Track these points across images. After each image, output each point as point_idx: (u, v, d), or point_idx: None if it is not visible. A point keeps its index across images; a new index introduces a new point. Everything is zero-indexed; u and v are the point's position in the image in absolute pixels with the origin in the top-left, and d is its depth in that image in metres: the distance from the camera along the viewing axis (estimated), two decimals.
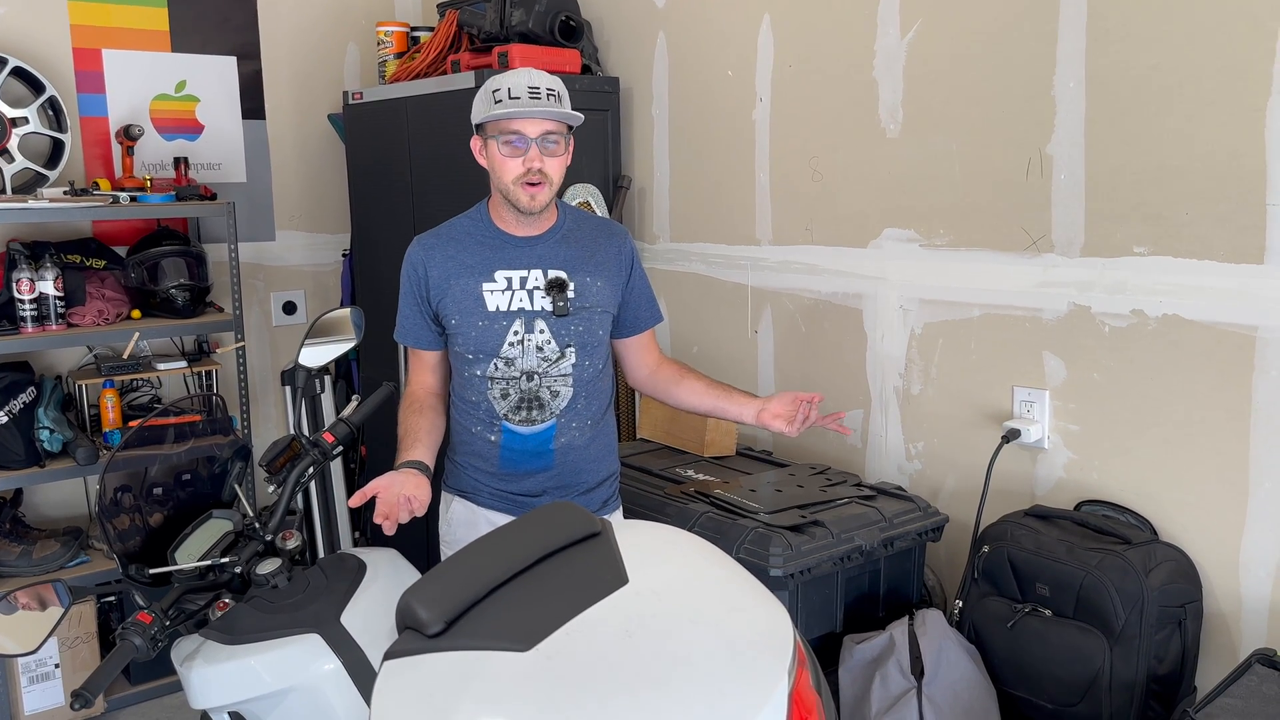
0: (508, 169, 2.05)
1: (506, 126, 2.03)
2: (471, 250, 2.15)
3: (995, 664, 2.20)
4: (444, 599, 1.25)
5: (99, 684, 1.63)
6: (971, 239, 2.53)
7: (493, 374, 2.14)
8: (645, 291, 2.30)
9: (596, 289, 2.17)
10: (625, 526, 1.42)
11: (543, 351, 2.13)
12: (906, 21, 2.62)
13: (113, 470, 1.98)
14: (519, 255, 2.15)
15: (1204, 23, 2.08)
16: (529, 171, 2.04)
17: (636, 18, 3.40)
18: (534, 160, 2.03)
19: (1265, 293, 2.04)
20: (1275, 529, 2.07)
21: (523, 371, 2.13)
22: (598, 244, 2.21)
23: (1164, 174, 2.17)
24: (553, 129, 2.05)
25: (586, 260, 2.18)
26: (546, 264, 2.15)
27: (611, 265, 2.21)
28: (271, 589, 1.86)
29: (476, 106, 2.08)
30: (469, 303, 2.12)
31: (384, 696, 1.18)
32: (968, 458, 2.61)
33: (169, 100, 3.70)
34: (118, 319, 3.34)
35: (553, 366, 2.14)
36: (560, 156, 2.09)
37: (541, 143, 2.04)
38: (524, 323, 2.12)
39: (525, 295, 2.13)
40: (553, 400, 2.15)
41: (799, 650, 1.23)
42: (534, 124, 2.03)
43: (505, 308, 2.12)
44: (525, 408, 2.15)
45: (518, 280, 2.13)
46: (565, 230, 2.20)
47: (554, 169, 2.07)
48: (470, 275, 2.13)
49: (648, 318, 2.31)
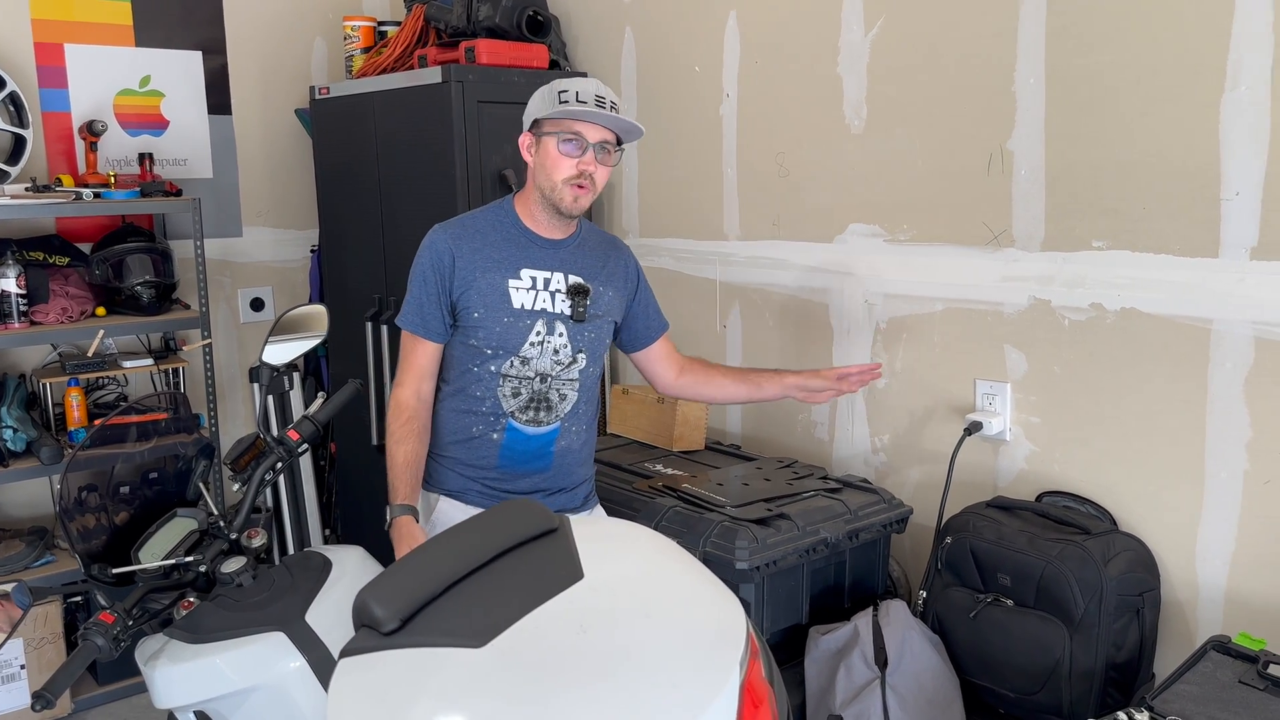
0: (561, 168, 2.06)
1: (567, 126, 2.05)
2: (498, 245, 2.15)
3: (958, 653, 2.22)
4: (400, 596, 1.26)
5: (60, 685, 1.62)
6: (934, 234, 2.56)
7: (507, 371, 2.13)
8: (653, 301, 2.36)
9: (608, 299, 2.22)
10: (582, 522, 1.43)
11: (558, 355, 2.15)
12: (870, 18, 2.64)
13: (75, 469, 1.97)
14: (545, 256, 2.16)
15: (1160, 19, 2.11)
16: (581, 175, 2.06)
17: (604, 13, 3.40)
18: (588, 164, 2.06)
19: (1220, 286, 2.07)
20: (1231, 518, 2.11)
21: (537, 373, 2.15)
22: (608, 255, 2.26)
23: (1121, 169, 2.20)
24: (609, 138, 2.08)
25: (600, 270, 2.22)
26: (569, 268, 2.17)
27: (619, 277, 2.26)
28: (236, 587, 1.86)
29: (536, 103, 2.09)
30: (495, 297, 2.12)
31: (339, 694, 1.19)
32: (931, 450, 2.64)
33: (133, 95, 3.67)
34: (82, 316, 3.31)
35: (564, 370, 2.17)
36: (609, 167, 2.11)
37: (598, 150, 2.07)
38: (546, 324, 2.14)
39: (548, 297, 2.15)
40: (560, 403, 2.18)
41: (752, 642, 1.24)
42: (595, 130, 2.05)
43: (530, 306, 2.13)
44: (534, 408, 2.16)
45: (542, 281, 2.15)
46: (582, 238, 2.23)
47: (602, 176, 2.10)
48: (498, 270, 2.13)
49: (659, 325, 2.36)
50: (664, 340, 2.38)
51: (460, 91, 3.04)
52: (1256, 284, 2.02)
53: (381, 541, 3.44)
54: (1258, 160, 1.99)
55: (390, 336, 3.43)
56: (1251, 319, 2.03)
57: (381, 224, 3.43)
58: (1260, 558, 2.08)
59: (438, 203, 3.15)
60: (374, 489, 3.67)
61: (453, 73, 3.04)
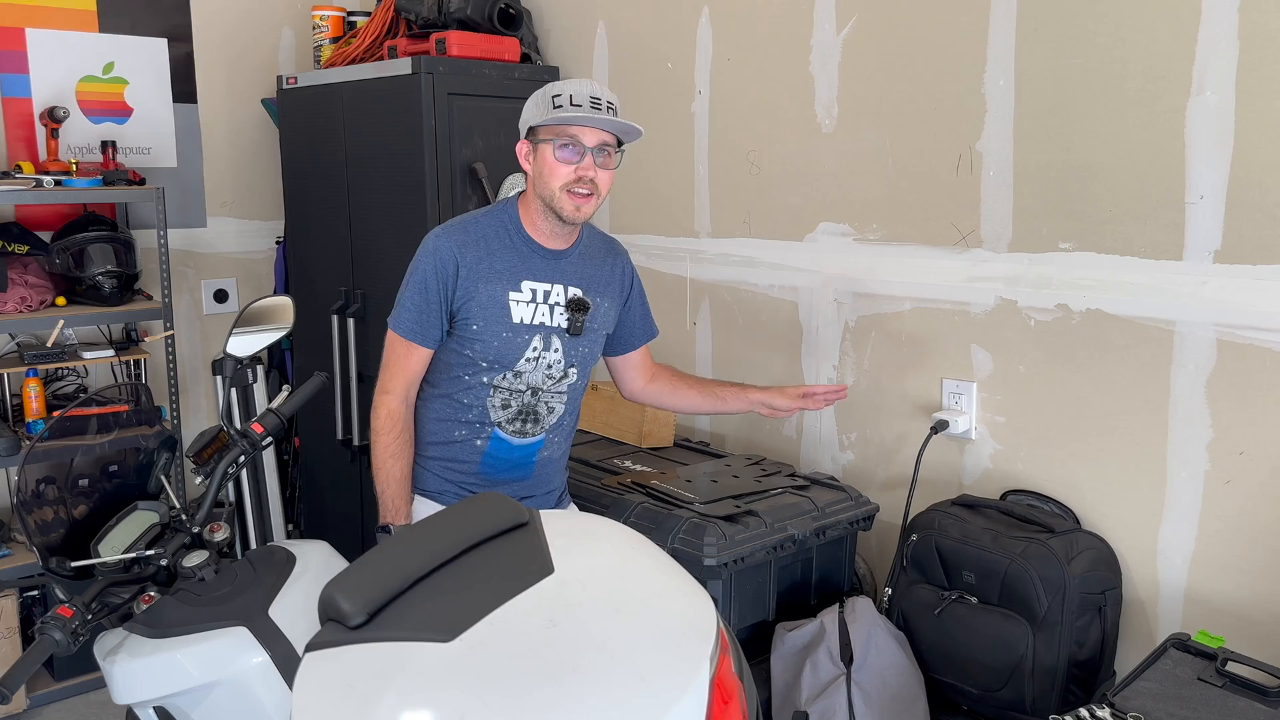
0: (558, 174, 1.99)
1: (564, 132, 1.98)
2: (501, 255, 2.07)
3: (923, 650, 2.24)
4: (367, 590, 1.25)
5: (16, 680, 1.59)
6: (903, 234, 2.57)
7: (499, 383, 2.09)
8: (642, 309, 2.32)
9: (604, 310, 2.18)
10: (553, 516, 1.43)
11: (550, 370, 2.12)
12: (842, 18, 2.64)
13: (32, 461, 1.94)
14: (545, 267, 2.10)
15: (1128, 24, 2.13)
16: (580, 180, 1.99)
17: (576, 7, 3.39)
18: (587, 169, 1.99)
19: (1183, 288, 2.10)
20: (1191, 518, 2.14)
21: (529, 386, 2.11)
22: (605, 262, 2.21)
23: (1089, 172, 2.22)
24: (608, 141, 2.01)
25: (598, 280, 2.17)
26: (569, 280, 2.12)
27: (615, 285, 2.22)
28: (198, 581, 1.84)
29: (531, 110, 2.02)
30: (495, 310, 2.05)
31: (305, 689, 1.17)
32: (898, 448, 2.65)
33: (96, 82, 3.61)
34: (41, 306, 3.26)
35: (555, 385, 2.14)
36: (610, 170, 2.03)
37: (597, 153, 2.00)
38: (543, 339, 2.09)
39: (547, 310, 2.09)
40: (548, 415, 2.16)
41: (722, 637, 1.24)
42: (593, 134, 1.98)
43: (529, 321, 2.08)
44: (522, 420, 2.13)
45: (541, 293, 2.09)
46: (584, 246, 2.16)
47: (604, 181, 2.03)
48: (499, 281, 2.06)
49: (642, 335, 2.33)
50: (644, 350, 2.35)
51: (430, 83, 3.02)
52: (1219, 287, 2.05)
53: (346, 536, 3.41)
54: (1222, 164, 2.02)
55: (356, 330, 3.40)
56: (1214, 321, 2.06)
57: (349, 216, 3.40)
58: (1219, 557, 2.11)
59: (406, 195, 3.13)
60: (338, 484, 3.65)
61: (423, 64, 3.02)
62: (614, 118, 1.98)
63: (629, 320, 2.28)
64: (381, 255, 3.28)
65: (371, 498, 3.52)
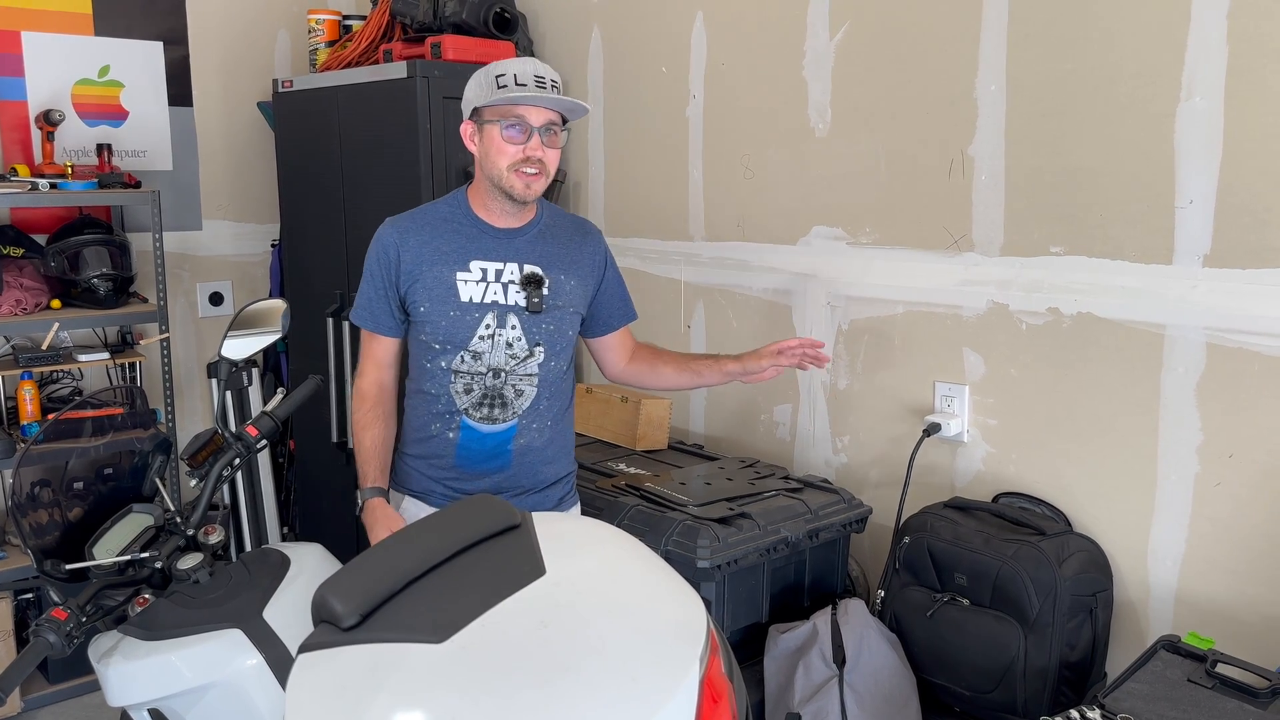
0: (506, 154, 1.98)
1: (509, 112, 1.97)
2: (447, 237, 2.08)
3: (915, 652, 2.25)
4: (360, 592, 1.25)
5: (11, 682, 1.59)
6: (896, 237, 2.58)
7: (458, 367, 2.08)
8: (618, 290, 2.27)
9: (570, 288, 2.13)
10: (546, 519, 1.43)
11: (512, 349, 2.08)
12: (835, 23, 2.66)
13: (27, 464, 1.94)
14: (496, 247, 2.09)
15: (1119, 30, 2.14)
16: (528, 160, 1.98)
17: (571, 12, 3.40)
18: (535, 149, 1.98)
19: (1173, 292, 2.11)
20: (1182, 520, 2.15)
21: (489, 368, 2.08)
22: (573, 242, 2.17)
23: (1079, 176, 2.23)
24: (554, 119, 2.00)
25: (562, 258, 2.14)
26: (524, 258, 2.10)
27: (585, 265, 2.18)
28: (193, 584, 1.84)
29: (474, 90, 2.01)
30: (441, 291, 2.06)
31: (298, 690, 1.18)
32: (891, 451, 2.66)
33: (92, 85, 3.61)
34: (37, 309, 3.26)
35: (520, 365, 2.09)
36: (557, 149, 2.03)
37: (544, 132, 1.99)
38: (496, 316, 2.07)
39: (500, 288, 2.07)
40: (516, 399, 2.11)
41: (712, 638, 1.25)
42: (538, 113, 1.98)
43: (479, 299, 2.06)
44: (488, 405, 2.09)
45: (493, 272, 2.07)
46: (543, 226, 2.15)
47: (552, 160, 2.03)
48: (445, 263, 2.07)
49: (620, 316, 2.28)
50: (624, 332, 2.31)
51: (425, 87, 3.03)
52: (1209, 290, 2.06)
53: (341, 539, 3.42)
54: (1211, 169, 2.03)
55: (351, 333, 3.41)
56: (1204, 325, 2.08)
57: (344, 219, 3.41)
58: (1209, 559, 2.12)
59: (401, 198, 3.13)
60: (333, 486, 3.65)
61: (418, 68, 3.03)
62: (559, 96, 1.97)
63: (605, 301, 2.24)
64: None
65: None
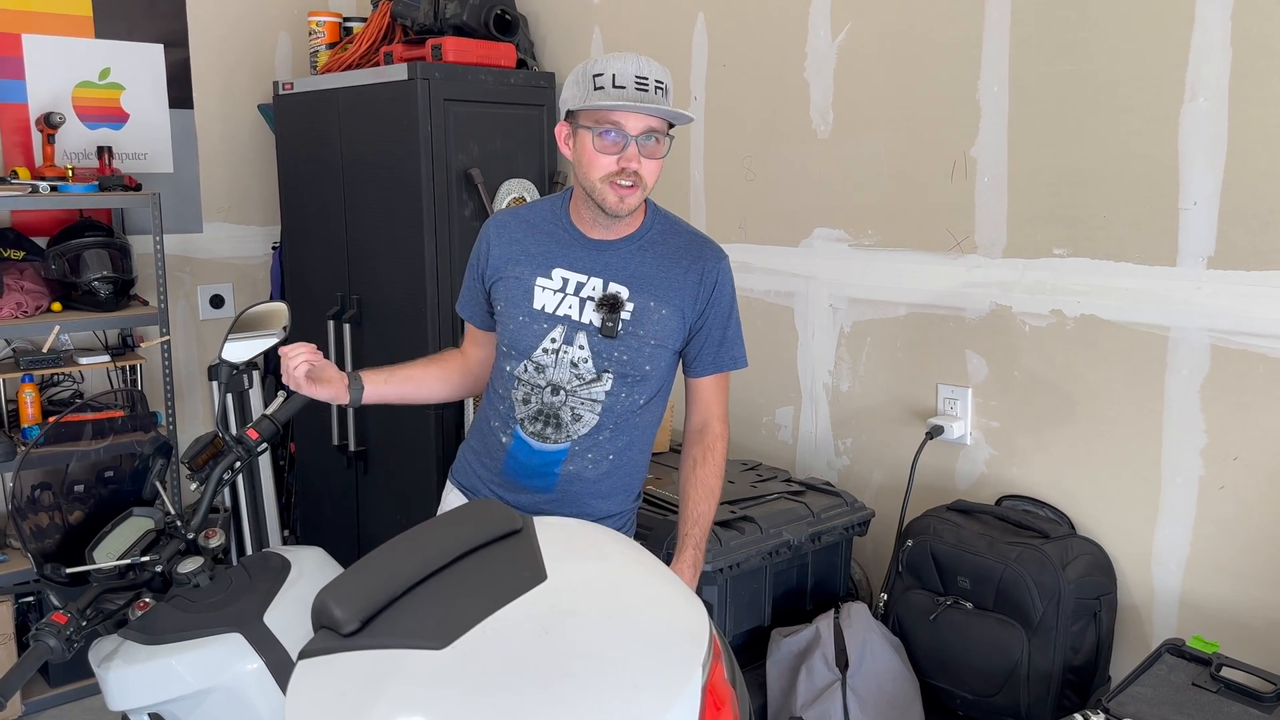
0: (598, 165, 1.79)
1: (605, 118, 1.77)
2: (539, 239, 1.95)
3: (918, 655, 2.24)
4: (360, 597, 1.25)
5: (11, 686, 1.59)
6: (898, 239, 2.58)
7: (520, 374, 1.95)
8: (717, 330, 1.96)
9: (658, 318, 1.90)
10: (547, 524, 1.43)
11: (577, 369, 1.91)
12: (837, 24, 2.65)
13: (28, 467, 1.93)
14: (584, 258, 1.92)
15: (1121, 31, 2.14)
16: (622, 172, 1.79)
17: (572, 13, 3.40)
18: (630, 160, 1.78)
19: (1177, 294, 2.10)
20: (1185, 524, 2.14)
21: (550, 383, 1.92)
22: (679, 264, 1.93)
23: (1082, 177, 2.22)
24: (656, 126, 1.79)
25: (658, 281, 1.91)
26: (611, 274, 1.90)
27: (687, 292, 1.92)
28: (193, 588, 1.83)
29: (569, 90, 1.82)
30: (518, 294, 1.93)
31: (298, 696, 1.17)
32: (893, 453, 2.65)
33: (92, 88, 3.61)
34: (37, 311, 3.26)
35: (584, 388, 1.92)
36: (658, 159, 1.83)
37: (642, 141, 1.79)
38: (564, 332, 1.91)
39: (576, 303, 1.90)
40: (573, 423, 1.93)
41: (714, 644, 1.24)
42: (637, 119, 1.77)
43: (551, 310, 1.91)
44: (541, 421, 1.94)
45: (574, 284, 1.91)
46: (648, 240, 1.93)
47: (650, 172, 1.82)
48: (528, 265, 1.93)
49: (710, 362, 1.97)
50: (710, 384, 2.00)
51: (426, 89, 3.02)
52: (1213, 292, 2.05)
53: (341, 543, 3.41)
54: (1215, 171, 2.03)
55: (352, 335, 3.41)
56: (1208, 327, 2.07)
57: (345, 222, 3.40)
58: (1214, 562, 2.11)
59: (402, 201, 3.13)
60: (334, 490, 3.65)
61: (419, 70, 3.02)
62: (661, 102, 1.78)
63: (698, 338, 1.96)
64: (377, 261, 3.28)
65: (368, 504, 3.53)
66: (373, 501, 3.48)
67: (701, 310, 1.94)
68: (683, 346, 1.97)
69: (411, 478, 3.26)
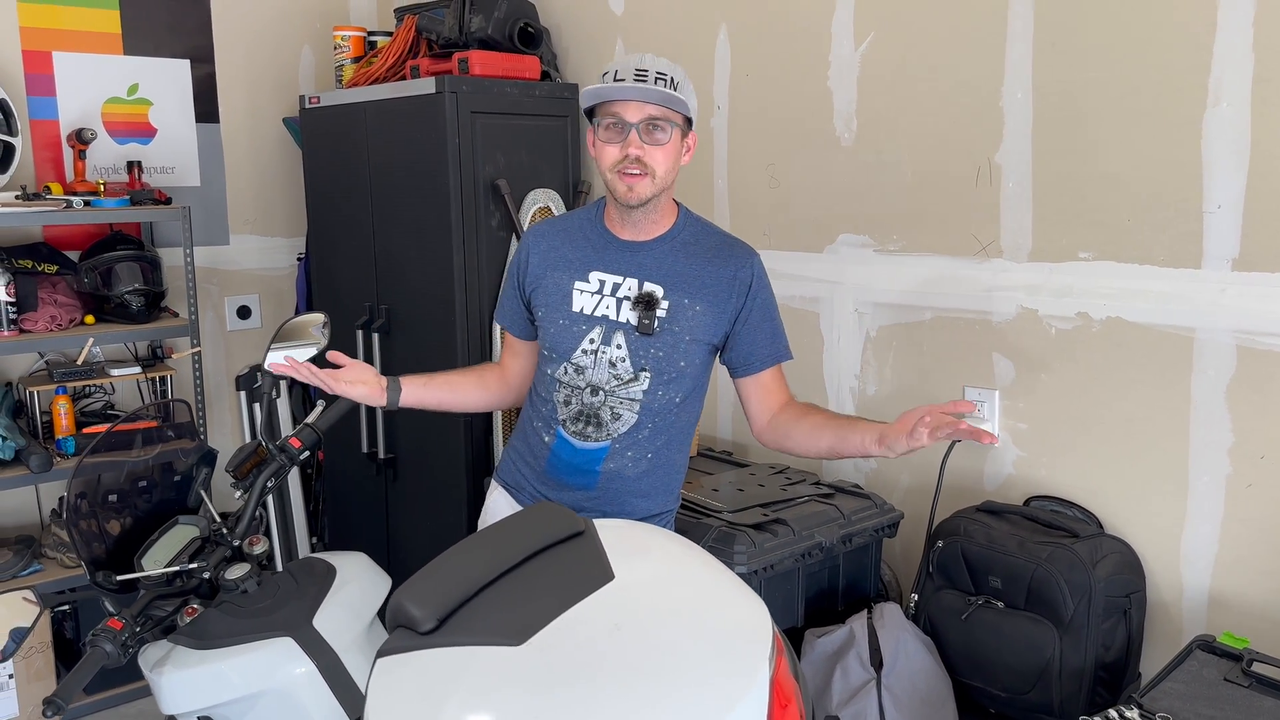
0: (605, 156, 1.89)
1: (607, 110, 1.87)
2: (576, 245, 2.03)
3: (950, 655, 2.27)
4: (436, 597, 1.28)
5: (71, 691, 1.63)
6: (923, 244, 2.61)
7: (561, 377, 2.01)
8: (765, 324, 2.03)
9: (693, 314, 1.96)
10: (607, 526, 1.46)
11: (615, 369, 1.97)
12: (860, 33, 2.69)
13: (80, 475, 1.98)
14: (619, 259, 1.99)
15: (1144, 37, 2.17)
16: (625, 159, 1.86)
17: (594, 25, 3.44)
18: (632, 147, 1.85)
19: (1203, 296, 2.13)
20: (1213, 522, 2.17)
21: (589, 384, 1.99)
22: (712, 263, 1.99)
23: (1107, 182, 2.26)
24: (657, 115, 1.85)
25: (692, 279, 1.97)
26: (645, 274, 1.97)
27: (721, 290, 1.98)
28: (241, 594, 1.87)
29: (585, 93, 1.91)
30: (557, 298, 2.00)
31: (379, 692, 1.21)
32: (921, 456, 2.67)
33: (121, 103, 3.67)
34: (71, 324, 3.31)
35: (623, 387, 1.98)
36: (666, 146, 1.87)
37: (644, 129, 1.85)
38: (603, 332, 1.97)
39: (613, 303, 1.97)
40: (612, 422, 2.00)
41: (777, 640, 1.28)
42: (635, 108, 1.84)
43: (589, 311, 1.98)
44: (583, 421, 2.01)
45: (610, 286, 1.97)
46: (680, 240, 2.00)
47: (658, 160, 1.87)
48: (566, 270, 2.01)
49: (765, 356, 2.03)
50: (769, 377, 2.05)
51: (454, 102, 3.07)
52: (1238, 294, 2.08)
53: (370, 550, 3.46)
54: (1239, 174, 2.06)
55: (381, 345, 3.45)
56: (1233, 328, 2.10)
57: (373, 232, 3.45)
58: (1242, 559, 2.14)
59: (430, 211, 3.18)
60: (363, 497, 3.68)
61: (446, 83, 3.07)
62: (657, 88, 1.82)
63: (747, 336, 2.01)
64: (406, 271, 3.33)
65: (397, 511, 3.56)
66: (402, 509, 3.52)
67: (739, 308, 2.00)
68: (721, 343, 2.03)
69: (441, 485, 3.29)
